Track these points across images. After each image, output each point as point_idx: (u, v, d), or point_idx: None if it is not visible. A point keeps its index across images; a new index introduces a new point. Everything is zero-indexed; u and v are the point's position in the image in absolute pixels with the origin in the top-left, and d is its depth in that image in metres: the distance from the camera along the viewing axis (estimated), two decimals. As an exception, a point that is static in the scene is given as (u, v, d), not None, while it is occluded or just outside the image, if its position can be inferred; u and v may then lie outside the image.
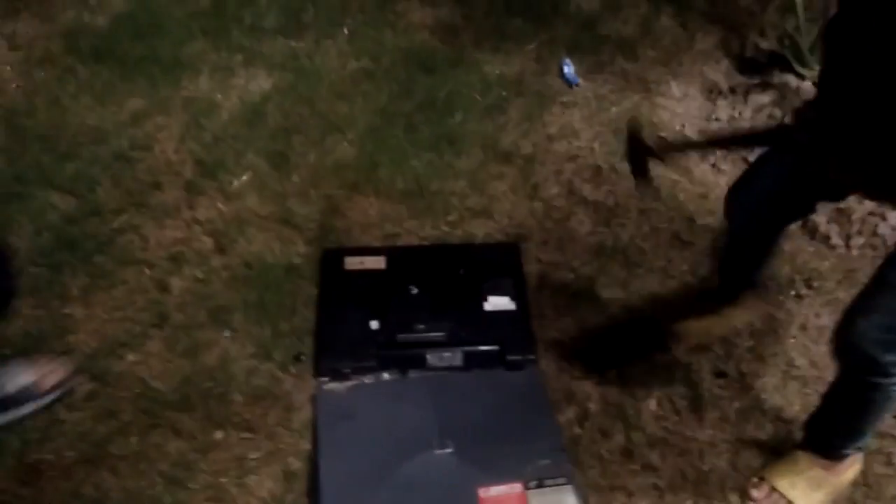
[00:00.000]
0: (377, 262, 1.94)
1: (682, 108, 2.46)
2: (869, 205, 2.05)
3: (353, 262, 1.94)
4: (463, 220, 2.10)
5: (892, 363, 1.28)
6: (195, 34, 2.58)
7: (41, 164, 2.12)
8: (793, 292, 1.93)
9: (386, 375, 1.73)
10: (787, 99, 2.39)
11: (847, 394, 1.42)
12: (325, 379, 1.70)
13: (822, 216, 2.08)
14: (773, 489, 1.54)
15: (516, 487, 1.52)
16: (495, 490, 1.51)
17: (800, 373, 1.76)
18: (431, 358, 1.75)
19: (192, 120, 2.27)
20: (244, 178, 2.15)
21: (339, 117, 2.33)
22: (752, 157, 2.23)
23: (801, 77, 2.43)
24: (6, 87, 2.35)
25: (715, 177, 2.25)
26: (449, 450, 1.58)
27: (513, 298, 1.88)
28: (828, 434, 1.52)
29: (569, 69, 2.52)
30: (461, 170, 2.22)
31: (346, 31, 2.64)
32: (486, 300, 1.87)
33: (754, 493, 1.55)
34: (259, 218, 2.04)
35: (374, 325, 1.80)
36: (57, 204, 2.03)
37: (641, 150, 1.57)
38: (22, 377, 1.56)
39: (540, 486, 1.52)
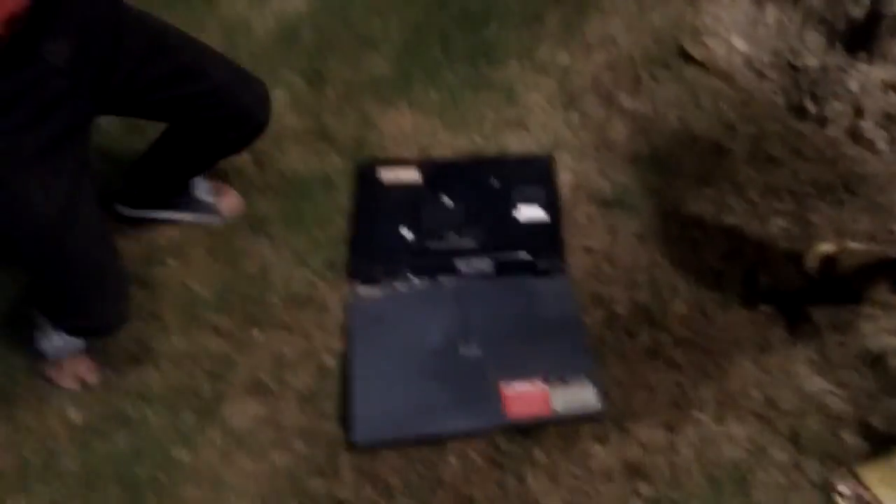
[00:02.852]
0: (411, 175, 1.97)
1: (727, 13, 2.36)
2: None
3: (387, 175, 1.97)
4: (497, 132, 2.09)
5: None
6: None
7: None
8: (830, 196, 1.88)
9: (417, 281, 1.77)
10: (837, 4, 2.28)
11: None
12: (358, 284, 1.76)
13: (869, 121, 2.00)
14: (862, 485, 1.42)
15: (539, 384, 1.56)
16: (518, 386, 1.56)
17: (834, 277, 1.73)
18: (462, 265, 1.78)
19: (228, 39, 2.30)
20: (280, 94, 2.19)
21: (373, 32, 2.32)
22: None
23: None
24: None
25: (759, 83, 2.18)
26: (475, 350, 1.62)
27: (544, 208, 1.89)
28: None
29: (609, -24, 2.45)
30: (496, 81, 2.21)
31: (380, -56, 2.61)
32: (517, 210, 1.88)
33: (840, 487, 1.43)
34: (295, 133, 2.08)
35: (407, 233, 1.83)
36: (101, 125, 2.09)
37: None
38: (206, 194, 1.86)
39: (562, 382, 1.56)
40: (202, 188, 1.87)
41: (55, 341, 1.56)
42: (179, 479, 1.47)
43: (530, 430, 1.51)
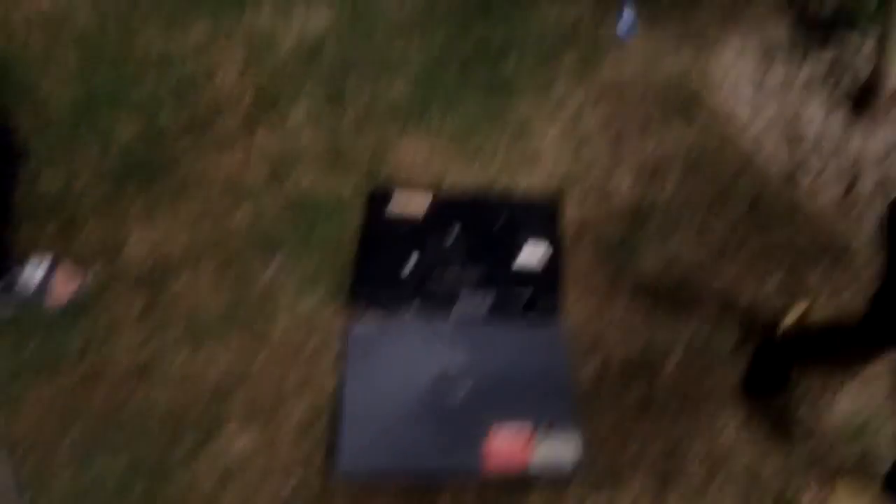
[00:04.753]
0: (420, 205, 2.02)
1: (736, 66, 2.40)
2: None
3: (397, 203, 2.02)
4: (509, 167, 2.14)
5: None
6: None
7: (110, 86, 2.22)
8: (821, 264, 1.94)
9: (416, 315, 1.82)
10: (845, 61, 2.32)
11: None
12: (359, 314, 1.81)
13: (864, 190, 2.06)
14: None
15: (525, 431, 1.62)
16: (505, 430, 1.62)
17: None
18: (460, 303, 1.84)
19: (252, 51, 2.34)
20: (301, 111, 2.23)
21: (394, 57, 2.36)
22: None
23: (864, 34, 2.34)
24: (81, 12, 2.43)
25: (760, 143, 2.22)
26: (466, 390, 1.68)
27: (546, 252, 1.93)
28: None
29: (628, 18, 2.49)
30: (511, 115, 2.25)
31: (406, -32, 2.65)
32: (520, 251, 1.93)
33: None
34: (313, 152, 2.13)
35: (410, 265, 1.88)
36: (124, 124, 2.14)
37: None
38: (39, 278, 1.75)
39: (547, 432, 1.62)
40: (33, 269, 1.76)
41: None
42: (176, 498, 1.52)
43: (520, 482, 1.56)
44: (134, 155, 2.08)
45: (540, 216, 2.01)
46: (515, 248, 1.93)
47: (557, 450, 1.59)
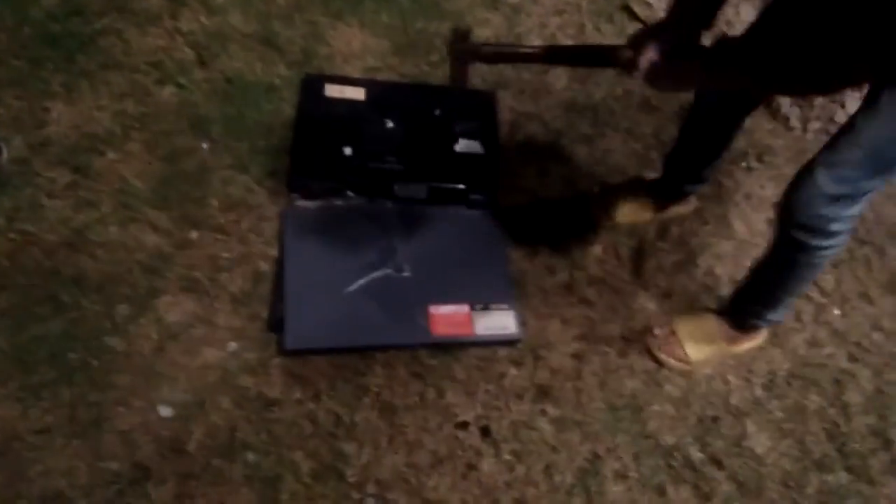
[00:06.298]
0: (356, 93, 1.98)
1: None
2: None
3: (332, 90, 1.98)
4: (444, 62, 2.11)
5: (836, 221, 1.32)
6: None
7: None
8: (744, 164, 2.04)
9: (354, 199, 1.83)
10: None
11: (776, 260, 1.47)
12: (296, 195, 1.80)
13: (785, 98, 2.16)
14: (673, 333, 1.68)
15: (463, 308, 1.67)
16: (445, 308, 1.66)
17: (736, 237, 1.91)
18: (398, 188, 1.85)
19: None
20: (229, -7, 2.15)
21: (329, -57, 2.29)
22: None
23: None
24: None
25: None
26: (406, 273, 1.71)
27: (483, 143, 1.95)
28: (745, 303, 1.62)
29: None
30: (447, 11, 2.24)
31: None
32: (457, 141, 1.95)
33: (656, 330, 1.70)
34: (242, 35, 2.06)
35: (348, 151, 1.87)
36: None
37: (465, 56, 1.60)
38: None
39: (485, 308, 1.68)
40: None
41: None
42: (111, 365, 1.51)
43: (452, 349, 1.62)
44: (51, 31, 1.97)
45: (476, 108, 2.02)
46: (452, 138, 1.94)
47: (496, 323, 1.66)
